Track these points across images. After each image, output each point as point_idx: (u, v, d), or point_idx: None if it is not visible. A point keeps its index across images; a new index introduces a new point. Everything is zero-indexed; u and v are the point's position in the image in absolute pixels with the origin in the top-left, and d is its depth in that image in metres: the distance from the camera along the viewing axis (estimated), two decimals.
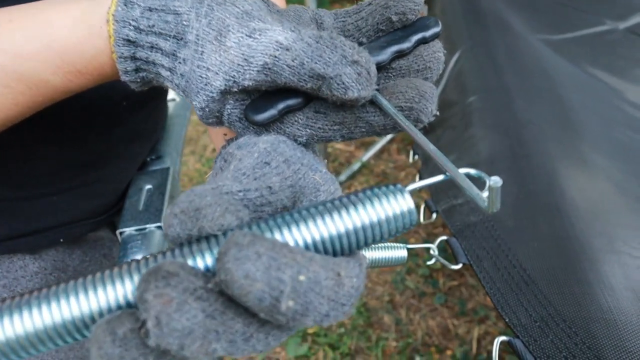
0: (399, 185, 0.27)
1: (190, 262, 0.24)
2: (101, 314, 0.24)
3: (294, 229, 0.25)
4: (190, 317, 0.22)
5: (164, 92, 0.68)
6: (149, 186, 0.59)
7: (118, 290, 0.24)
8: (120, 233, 0.54)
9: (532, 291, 0.57)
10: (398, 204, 0.26)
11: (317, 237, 0.25)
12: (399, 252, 0.58)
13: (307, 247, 0.25)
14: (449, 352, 1.75)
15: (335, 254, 0.25)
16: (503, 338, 0.51)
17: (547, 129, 0.91)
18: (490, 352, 1.73)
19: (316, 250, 0.25)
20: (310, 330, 1.80)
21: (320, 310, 0.23)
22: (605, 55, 1.36)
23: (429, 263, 0.61)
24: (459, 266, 0.60)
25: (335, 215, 0.25)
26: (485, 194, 0.27)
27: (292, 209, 0.28)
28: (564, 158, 0.80)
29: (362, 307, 1.89)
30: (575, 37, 1.45)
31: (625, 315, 0.54)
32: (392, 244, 0.58)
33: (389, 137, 2.61)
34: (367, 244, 0.26)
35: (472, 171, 0.29)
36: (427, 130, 1.16)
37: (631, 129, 1.15)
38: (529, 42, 1.36)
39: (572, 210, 0.69)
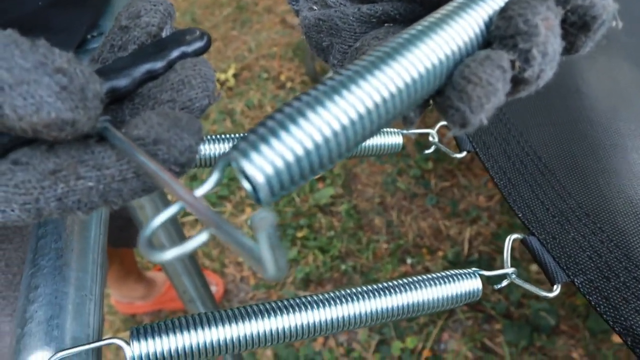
0: None
1: None
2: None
3: None
4: (557, 44, 0.24)
5: None
6: None
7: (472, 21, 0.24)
8: None
9: (548, 182, 0.48)
10: None
11: None
12: (394, 138, 0.48)
13: None
14: (440, 253, 1.72)
15: None
16: (516, 236, 0.43)
17: None
18: (481, 253, 1.70)
19: None
20: (299, 234, 1.76)
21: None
22: None
23: (427, 152, 0.52)
24: (463, 154, 0.51)
25: None
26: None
27: None
28: None
29: (353, 209, 1.84)
30: None
31: None
32: (387, 129, 0.48)
33: None
34: None
35: None
36: None
37: None
38: None
39: (592, 92, 0.59)
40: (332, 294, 0.36)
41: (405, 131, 0.48)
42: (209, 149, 0.45)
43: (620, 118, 0.56)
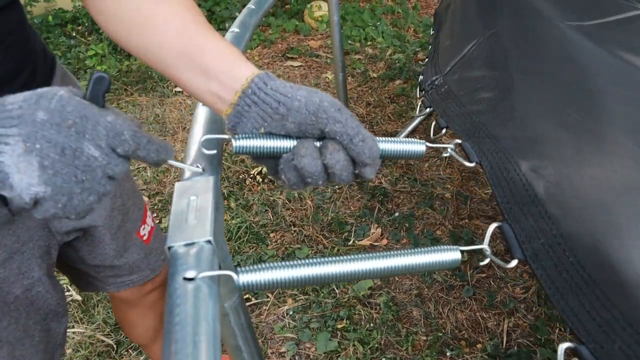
0: None
1: None
2: None
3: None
4: (314, 165, 0.57)
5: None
6: (193, 197, 0.57)
7: None
8: (169, 248, 0.52)
9: (592, 292, 0.54)
10: None
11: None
12: (451, 254, 0.55)
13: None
14: (479, 346, 1.72)
15: None
16: (568, 345, 0.49)
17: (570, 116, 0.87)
18: (520, 346, 1.71)
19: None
20: (339, 325, 1.79)
21: None
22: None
23: (482, 263, 0.59)
24: (515, 263, 0.57)
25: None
26: None
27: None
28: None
29: (391, 301, 1.87)
30: (607, 22, 1.41)
31: None
32: (444, 247, 0.56)
33: (417, 121, 2.57)
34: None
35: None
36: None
37: None
38: (557, 28, 1.32)
39: (619, 207, 0.66)
40: None
41: (463, 247, 0.55)
42: None
43: None
